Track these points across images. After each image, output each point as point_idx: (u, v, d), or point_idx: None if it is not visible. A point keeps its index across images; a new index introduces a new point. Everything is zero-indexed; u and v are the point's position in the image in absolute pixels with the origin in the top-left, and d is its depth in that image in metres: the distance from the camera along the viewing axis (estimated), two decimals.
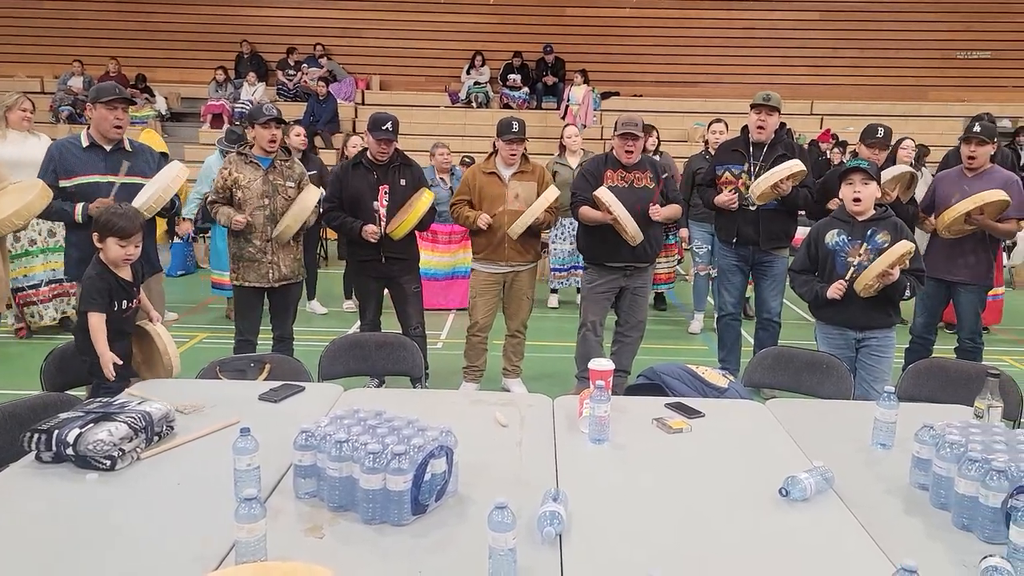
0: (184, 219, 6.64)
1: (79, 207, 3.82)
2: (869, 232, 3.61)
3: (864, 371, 3.74)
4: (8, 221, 3.35)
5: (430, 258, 6.99)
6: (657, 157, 6.17)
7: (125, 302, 3.19)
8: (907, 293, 3.59)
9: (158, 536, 1.86)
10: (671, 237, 6.93)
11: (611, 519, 1.99)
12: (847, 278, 3.60)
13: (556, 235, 7.16)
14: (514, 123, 4.69)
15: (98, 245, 3.13)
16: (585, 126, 12.16)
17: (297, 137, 6.74)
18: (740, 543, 1.88)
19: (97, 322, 3.05)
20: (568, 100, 12.59)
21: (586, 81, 12.68)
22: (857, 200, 3.59)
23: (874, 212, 3.63)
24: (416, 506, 1.93)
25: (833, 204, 4.63)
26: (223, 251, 6.34)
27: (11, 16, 14.13)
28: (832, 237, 3.69)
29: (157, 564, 1.74)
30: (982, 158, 4.56)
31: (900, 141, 6.65)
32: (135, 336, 3.31)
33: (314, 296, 7.14)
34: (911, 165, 6.33)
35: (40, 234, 5.95)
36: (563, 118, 12.57)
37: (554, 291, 7.52)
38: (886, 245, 3.53)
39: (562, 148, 7.02)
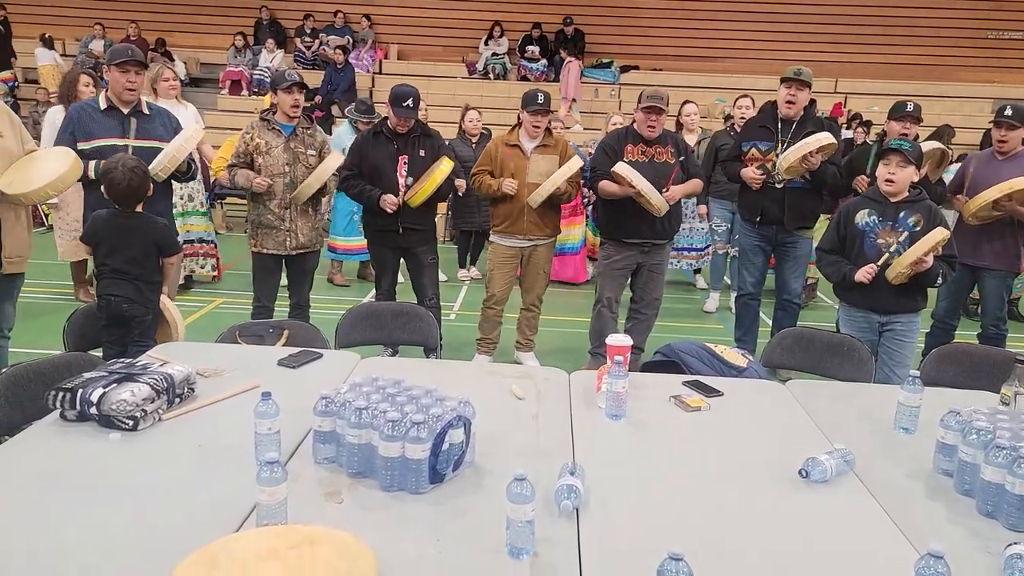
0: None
1: (92, 164, 3.83)
2: (902, 214, 3.54)
3: (886, 355, 3.70)
4: (43, 191, 3.40)
5: None
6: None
7: None
8: (939, 280, 3.54)
9: (179, 497, 1.86)
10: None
11: (628, 495, 1.98)
12: (880, 263, 3.55)
13: (688, 213, 6.75)
14: (539, 95, 4.64)
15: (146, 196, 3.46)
16: (575, 100, 11.92)
17: (471, 123, 6.90)
18: (758, 523, 1.87)
19: None
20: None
21: (572, 54, 12.33)
22: (889, 182, 3.52)
23: (907, 194, 3.57)
24: (434, 475, 1.93)
25: (858, 182, 4.56)
26: (344, 212, 6.60)
27: None
28: (863, 217, 3.63)
29: (178, 524, 1.75)
30: (1013, 142, 4.47)
31: (683, 105, 6.71)
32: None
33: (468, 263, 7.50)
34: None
35: (181, 199, 6.06)
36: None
37: (697, 271, 7.52)
38: (919, 228, 3.47)
39: (679, 126, 6.73)
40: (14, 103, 11.21)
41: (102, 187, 3.40)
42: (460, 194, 6.35)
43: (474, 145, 6.83)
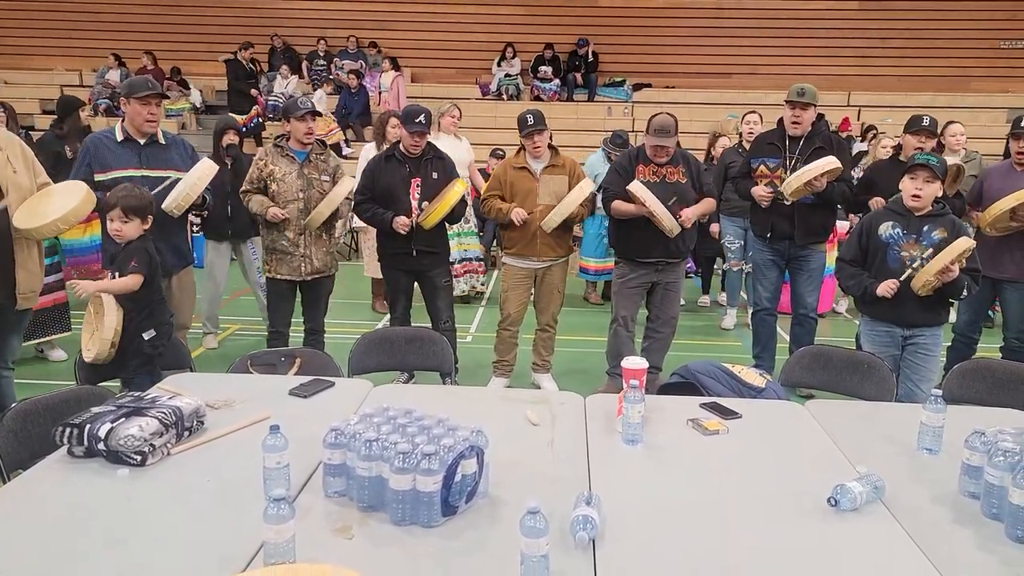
0: None
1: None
2: (926, 227, 3.51)
3: (910, 370, 3.65)
4: (54, 225, 3.42)
5: None
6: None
7: None
8: (964, 292, 3.49)
9: (186, 534, 1.84)
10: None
11: (646, 525, 1.93)
12: (902, 278, 3.50)
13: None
14: (528, 116, 4.63)
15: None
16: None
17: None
18: (781, 553, 1.82)
19: None
20: (379, 87, 12.48)
21: (395, 68, 12.32)
22: (916, 197, 3.49)
23: (931, 208, 3.54)
24: (446, 507, 1.89)
25: (875, 203, 4.51)
26: (594, 234, 6.88)
27: (51, 11, 14.38)
28: (886, 229, 3.59)
29: (185, 562, 1.72)
30: None
31: (947, 125, 6.31)
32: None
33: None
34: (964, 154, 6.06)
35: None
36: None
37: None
38: (942, 242, 3.43)
39: (941, 147, 5.86)
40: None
41: (150, 216, 3.36)
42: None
43: None
